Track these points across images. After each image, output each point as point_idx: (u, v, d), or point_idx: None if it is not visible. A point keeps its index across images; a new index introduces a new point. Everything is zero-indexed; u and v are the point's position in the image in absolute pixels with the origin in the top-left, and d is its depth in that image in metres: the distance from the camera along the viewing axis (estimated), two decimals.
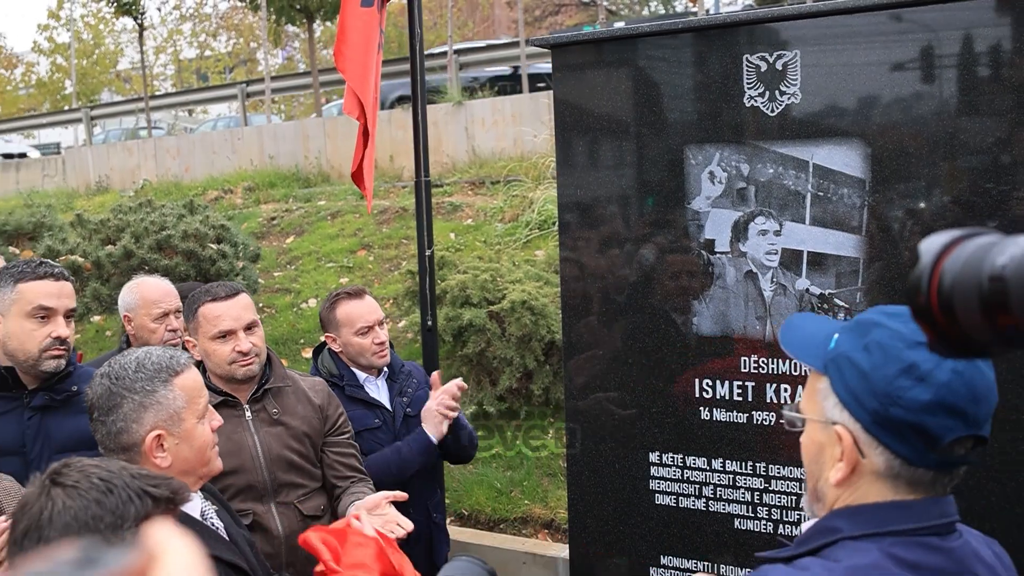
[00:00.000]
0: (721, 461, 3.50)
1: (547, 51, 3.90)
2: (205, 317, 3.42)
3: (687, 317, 3.53)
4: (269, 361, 3.54)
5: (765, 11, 3.37)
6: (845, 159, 3.20)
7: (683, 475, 3.57)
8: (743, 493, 3.48)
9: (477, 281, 7.20)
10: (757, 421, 3.43)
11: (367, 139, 4.66)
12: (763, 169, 3.33)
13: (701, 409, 3.52)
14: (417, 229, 4.95)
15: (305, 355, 8.28)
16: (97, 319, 9.45)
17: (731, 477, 3.49)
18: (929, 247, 1.03)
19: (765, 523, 3.43)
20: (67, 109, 27.75)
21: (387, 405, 4.03)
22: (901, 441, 1.50)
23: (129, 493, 1.75)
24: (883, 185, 3.17)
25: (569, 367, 3.81)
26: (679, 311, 3.54)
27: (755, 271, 3.38)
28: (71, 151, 20.75)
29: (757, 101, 3.32)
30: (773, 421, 3.39)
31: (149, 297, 4.13)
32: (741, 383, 3.43)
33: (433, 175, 9.29)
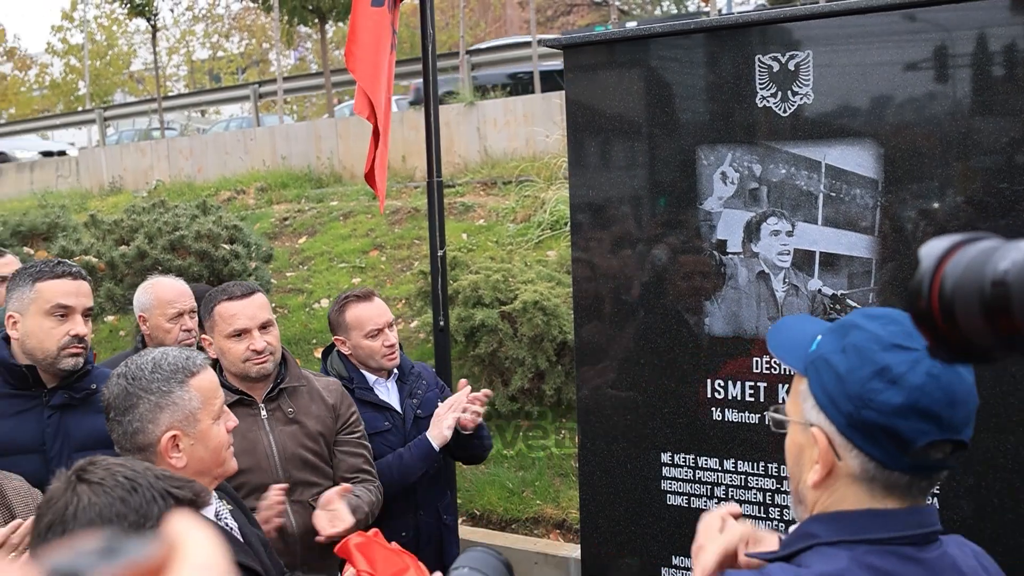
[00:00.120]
0: (733, 462, 3.50)
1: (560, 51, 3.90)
2: (221, 316, 3.45)
3: (699, 318, 3.53)
4: (284, 361, 3.57)
5: (777, 11, 3.37)
6: (857, 159, 3.20)
7: (695, 475, 3.56)
8: (755, 494, 3.47)
9: (489, 281, 7.21)
10: (769, 422, 3.42)
11: (379, 139, 4.67)
12: (775, 169, 3.32)
13: (713, 410, 3.52)
14: (429, 230, 4.96)
15: (317, 355, 8.30)
16: (111, 319, 9.50)
17: (743, 478, 3.48)
18: (930, 252, 1.03)
19: (777, 523, 3.43)
20: (81, 110, 27.88)
21: (397, 407, 4.03)
22: (874, 444, 1.49)
23: (153, 493, 1.77)
24: (896, 185, 3.16)
25: (581, 367, 3.81)
26: (691, 312, 3.54)
27: (767, 272, 3.37)
28: (85, 152, 20.84)
29: (769, 101, 3.32)
30: None
31: (164, 297, 4.15)
32: (753, 383, 3.43)
33: (445, 175, 9.30)
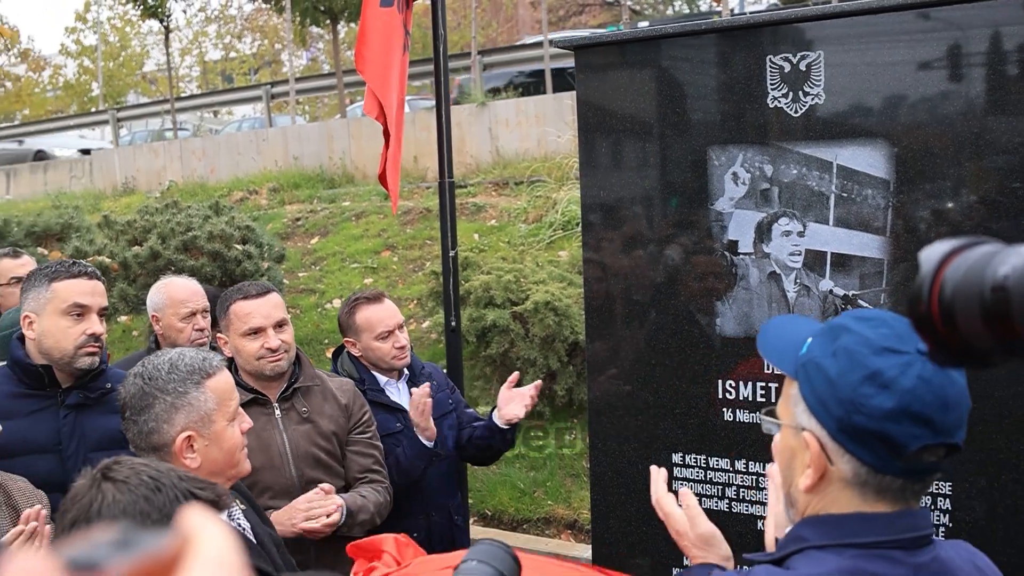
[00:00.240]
0: (744, 462, 3.50)
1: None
2: (236, 314, 3.49)
3: (710, 318, 3.53)
4: (299, 360, 3.60)
5: (788, 12, 3.37)
6: (869, 160, 3.20)
7: (706, 476, 3.57)
8: (766, 494, 3.47)
9: (501, 282, 7.22)
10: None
11: (388, 139, 4.68)
12: (787, 170, 3.32)
13: (724, 410, 3.52)
14: (441, 230, 4.97)
15: (329, 356, 8.33)
16: (124, 319, 9.54)
17: (754, 478, 3.48)
18: (929, 256, 1.02)
19: None
20: (94, 111, 27.99)
21: (408, 408, 4.02)
22: (866, 449, 1.47)
23: (176, 493, 1.79)
24: (908, 186, 3.16)
25: (592, 368, 3.82)
26: (702, 312, 3.54)
27: (778, 272, 3.38)
28: (98, 153, 20.93)
29: (781, 102, 3.32)
30: None
31: (177, 297, 4.16)
32: (764, 384, 3.43)
33: (457, 176, 9.30)
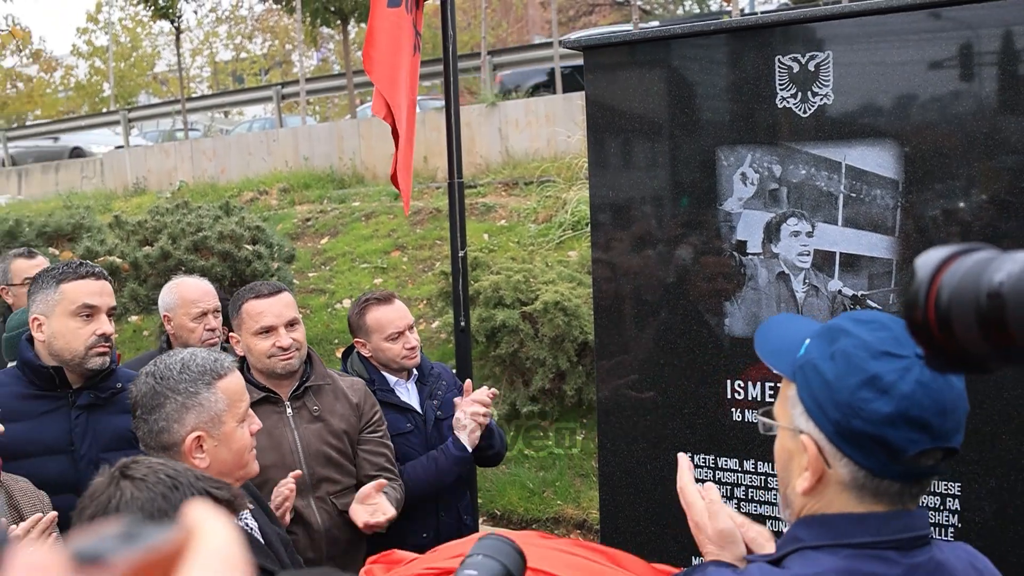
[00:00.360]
0: (753, 462, 3.50)
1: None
2: (248, 313, 3.52)
3: (719, 318, 3.53)
4: (310, 359, 3.62)
5: (797, 12, 3.37)
6: (878, 160, 3.19)
7: (715, 476, 3.57)
8: (775, 494, 3.47)
9: (510, 282, 7.23)
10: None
11: (397, 140, 4.69)
12: (795, 170, 3.32)
13: (733, 410, 3.52)
14: (450, 230, 4.98)
15: (339, 355, 8.35)
16: (135, 319, 9.58)
17: (763, 478, 3.48)
18: (926, 262, 1.03)
19: None
20: (105, 112, 28.08)
21: (418, 409, 4.04)
22: (864, 453, 1.46)
23: (193, 491, 1.81)
24: (917, 186, 3.15)
25: (601, 368, 3.82)
26: (711, 312, 3.54)
27: (787, 272, 3.37)
28: (109, 153, 20.99)
29: (789, 102, 3.32)
30: None
31: (188, 297, 4.18)
32: (773, 384, 3.43)
33: (467, 176, 9.32)
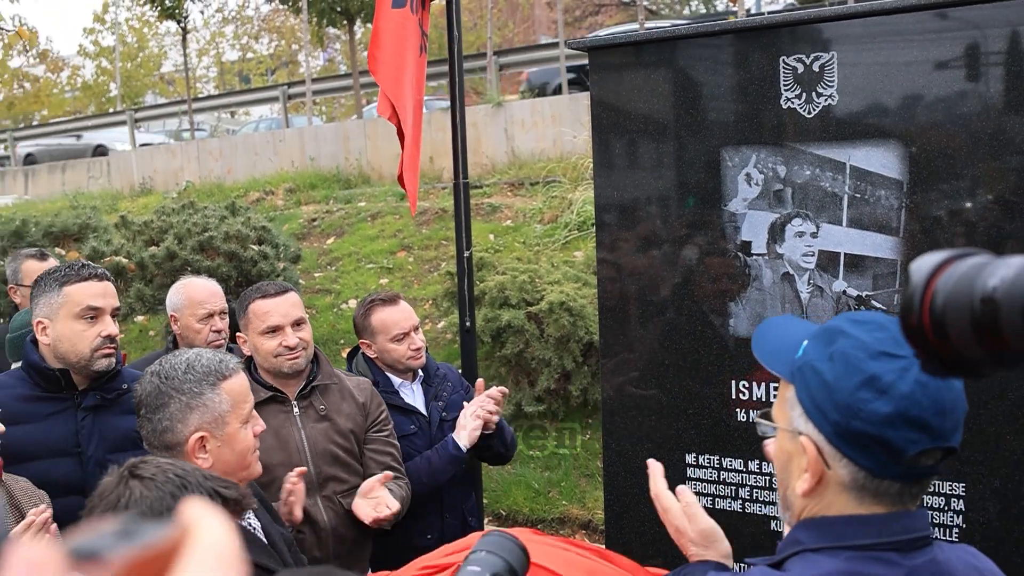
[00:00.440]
0: (758, 463, 3.50)
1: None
2: (255, 313, 3.54)
3: (724, 319, 3.53)
4: (317, 359, 3.63)
5: (801, 13, 3.37)
6: (882, 160, 3.20)
7: (719, 476, 3.57)
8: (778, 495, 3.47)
9: (516, 282, 7.23)
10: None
11: (403, 141, 4.70)
12: (800, 171, 3.33)
13: (738, 411, 3.52)
14: (456, 231, 4.99)
15: (345, 356, 8.37)
16: (141, 319, 9.60)
17: (768, 479, 3.48)
18: (920, 267, 1.03)
19: None
20: (112, 112, 28.15)
21: (423, 410, 4.04)
22: (864, 454, 1.46)
23: (201, 491, 1.82)
24: (921, 186, 3.16)
25: (605, 368, 3.82)
26: (716, 313, 3.55)
27: (792, 273, 3.38)
28: (116, 153, 21.04)
29: (794, 103, 3.32)
30: None
31: (195, 298, 4.18)
32: (778, 385, 3.42)
33: (472, 176, 9.32)
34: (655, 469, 2.05)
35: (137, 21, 35.39)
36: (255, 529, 2.57)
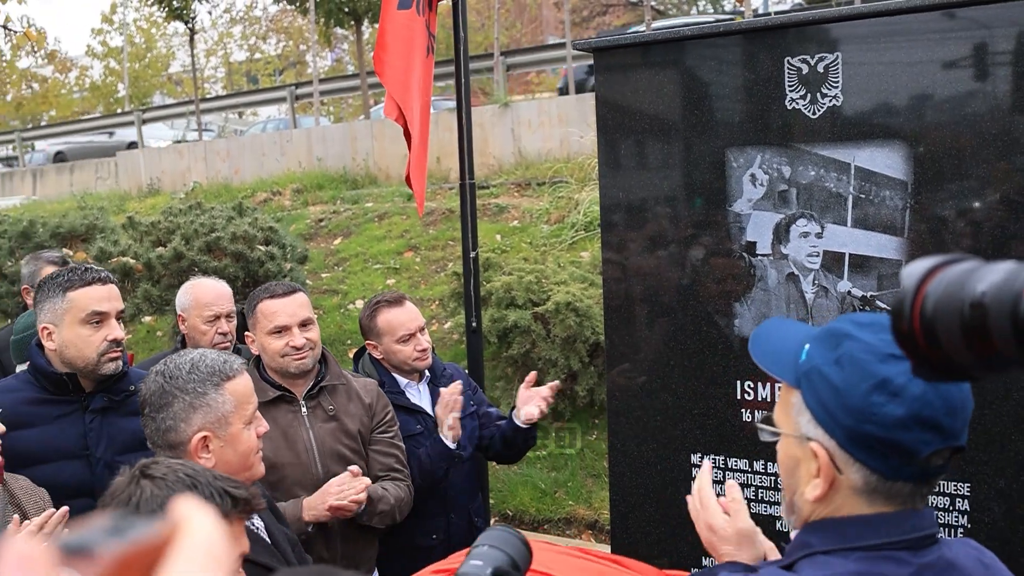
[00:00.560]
0: (763, 463, 3.50)
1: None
2: (263, 313, 3.55)
3: (729, 319, 3.54)
4: (325, 359, 3.65)
5: (805, 13, 3.37)
6: (887, 161, 3.20)
7: (725, 477, 3.57)
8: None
9: (522, 283, 7.24)
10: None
11: (410, 142, 4.71)
12: (804, 171, 3.33)
13: (743, 411, 3.53)
14: (462, 231, 5.00)
15: (351, 356, 8.37)
16: (148, 320, 9.61)
17: (773, 479, 3.48)
18: (911, 272, 1.03)
19: None
20: (120, 112, 28.22)
21: (429, 411, 4.03)
22: (876, 457, 1.46)
23: (212, 490, 1.84)
24: (925, 187, 3.16)
25: (611, 368, 3.83)
26: (721, 313, 3.55)
27: (797, 273, 3.38)
28: (123, 154, 21.08)
29: (799, 103, 3.32)
30: None
31: (202, 299, 4.18)
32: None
33: (479, 176, 9.33)
34: (706, 467, 2.06)
35: (145, 22, 35.44)
36: (258, 528, 2.58)
